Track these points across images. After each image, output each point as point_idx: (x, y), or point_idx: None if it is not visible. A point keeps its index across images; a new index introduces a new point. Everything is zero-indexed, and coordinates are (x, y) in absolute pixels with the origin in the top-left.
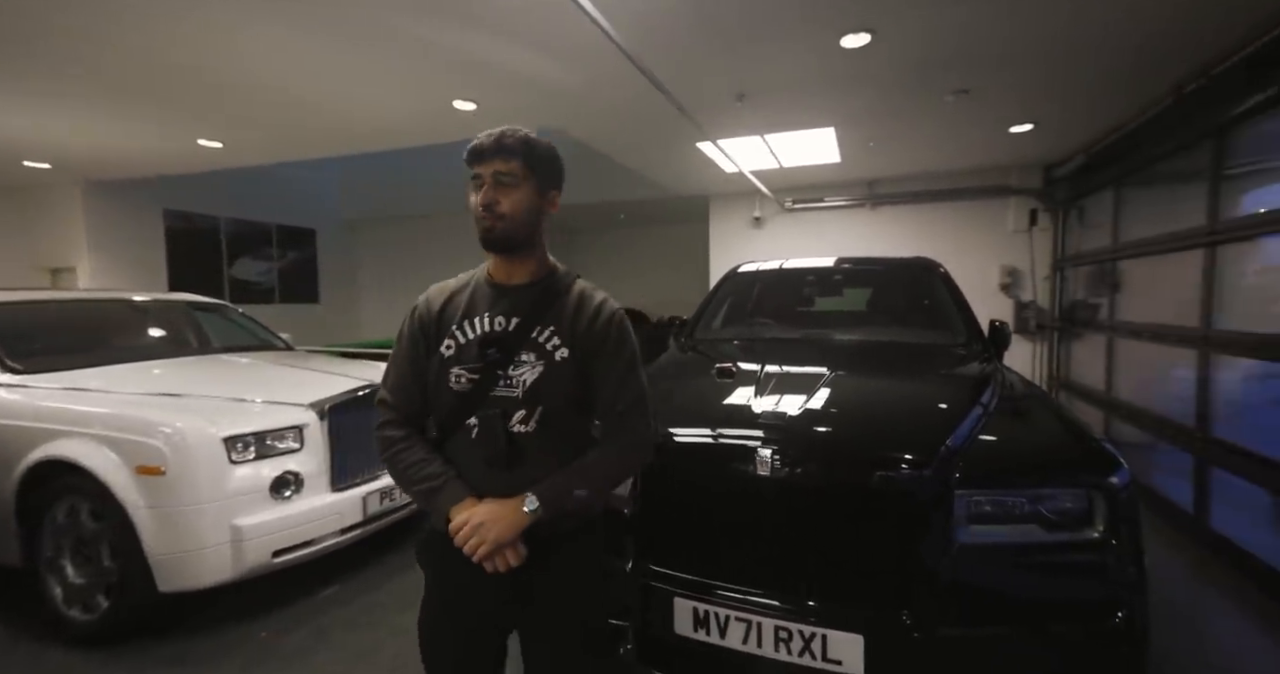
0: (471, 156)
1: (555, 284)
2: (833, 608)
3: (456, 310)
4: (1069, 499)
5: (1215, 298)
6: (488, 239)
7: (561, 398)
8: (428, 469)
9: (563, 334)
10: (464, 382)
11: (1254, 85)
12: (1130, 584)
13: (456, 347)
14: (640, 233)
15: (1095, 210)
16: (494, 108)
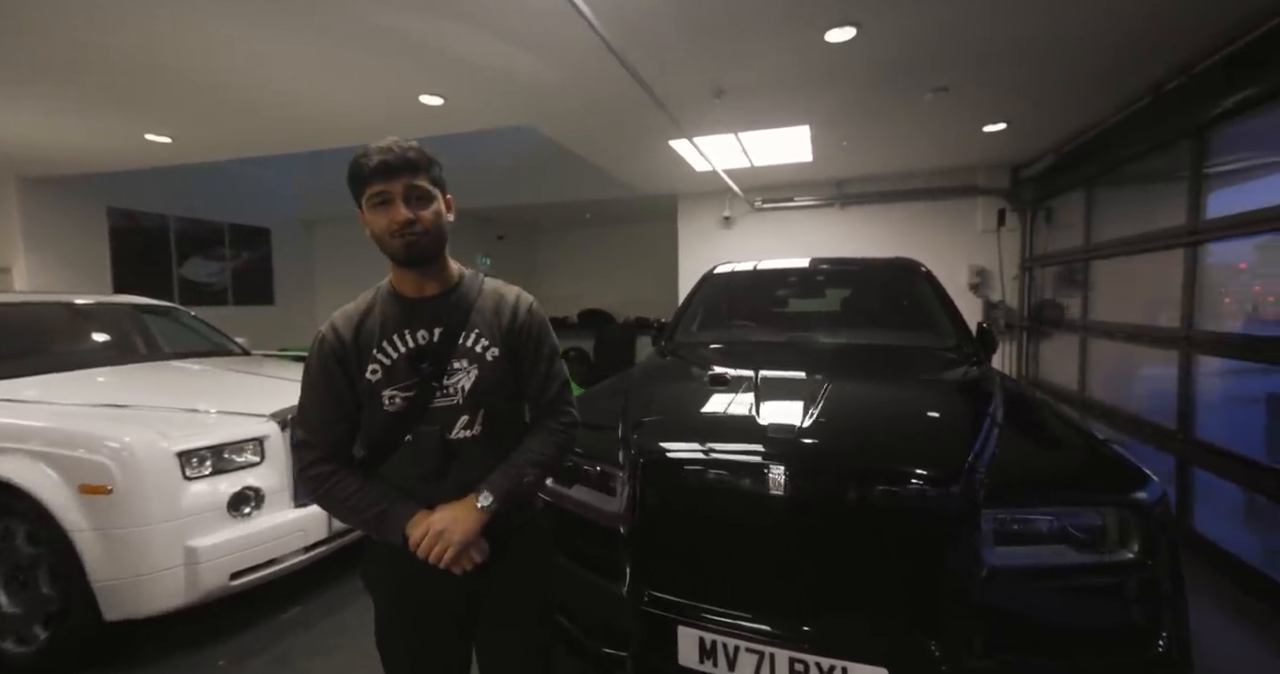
0: (377, 173)
1: (469, 288)
2: (854, 638)
3: (371, 333)
4: (1100, 517)
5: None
6: (411, 256)
7: (500, 396)
8: (370, 495)
9: (489, 334)
10: (399, 401)
11: (1234, 84)
12: (1171, 607)
13: (383, 369)
14: (606, 232)
15: (1064, 210)
16: (463, 103)
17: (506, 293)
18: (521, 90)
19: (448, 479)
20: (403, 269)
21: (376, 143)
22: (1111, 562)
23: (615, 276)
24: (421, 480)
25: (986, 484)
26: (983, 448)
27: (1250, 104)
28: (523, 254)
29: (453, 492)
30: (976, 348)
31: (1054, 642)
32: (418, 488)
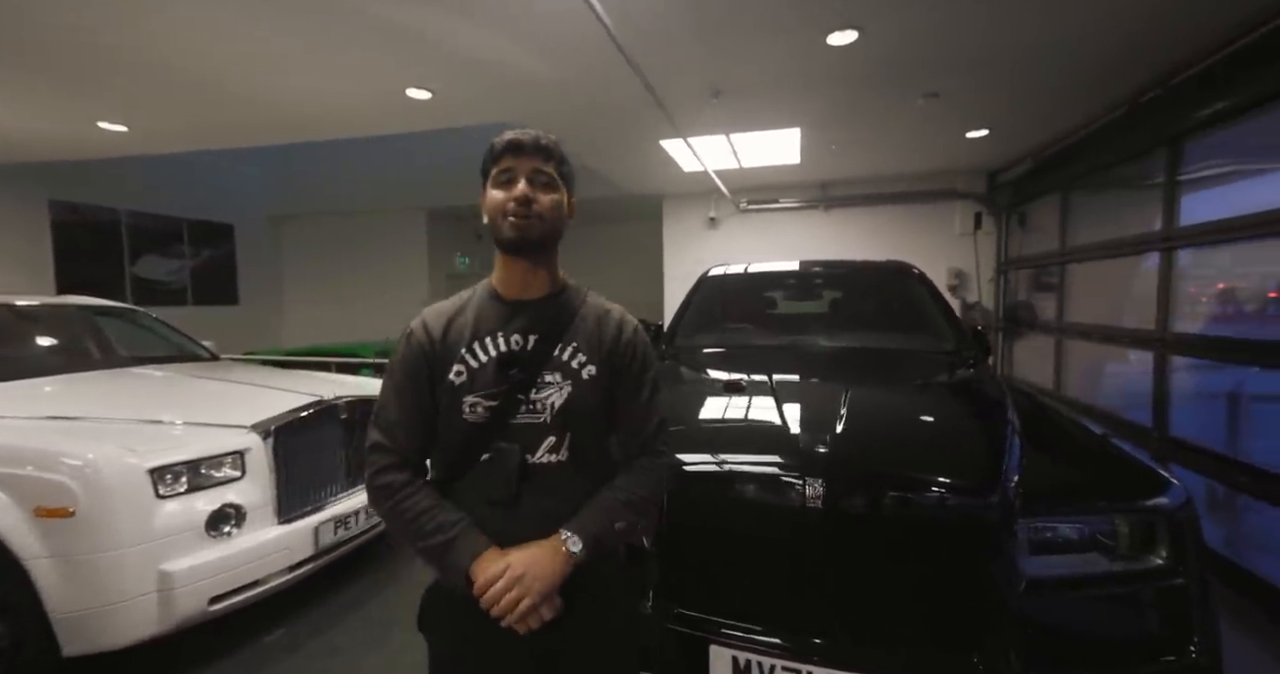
0: (508, 149)
1: (571, 298)
2: (896, 654)
3: (462, 332)
4: (1128, 524)
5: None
6: (520, 239)
7: (591, 420)
8: (439, 518)
9: (588, 350)
10: (480, 411)
11: (1207, 98)
12: (1200, 612)
13: (469, 372)
14: (589, 232)
15: (1038, 215)
16: (451, 98)
17: (611, 308)
18: (515, 86)
19: (521, 508)
20: (509, 261)
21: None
22: (1142, 569)
23: (598, 277)
24: (491, 505)
25: (1021, 494)
26: (1011, 456)
27: (1221, 117)
28: (487, 254)
29: (526, 524)
30: (975, 350)
31: (1088, 652)
32: (486, 514)
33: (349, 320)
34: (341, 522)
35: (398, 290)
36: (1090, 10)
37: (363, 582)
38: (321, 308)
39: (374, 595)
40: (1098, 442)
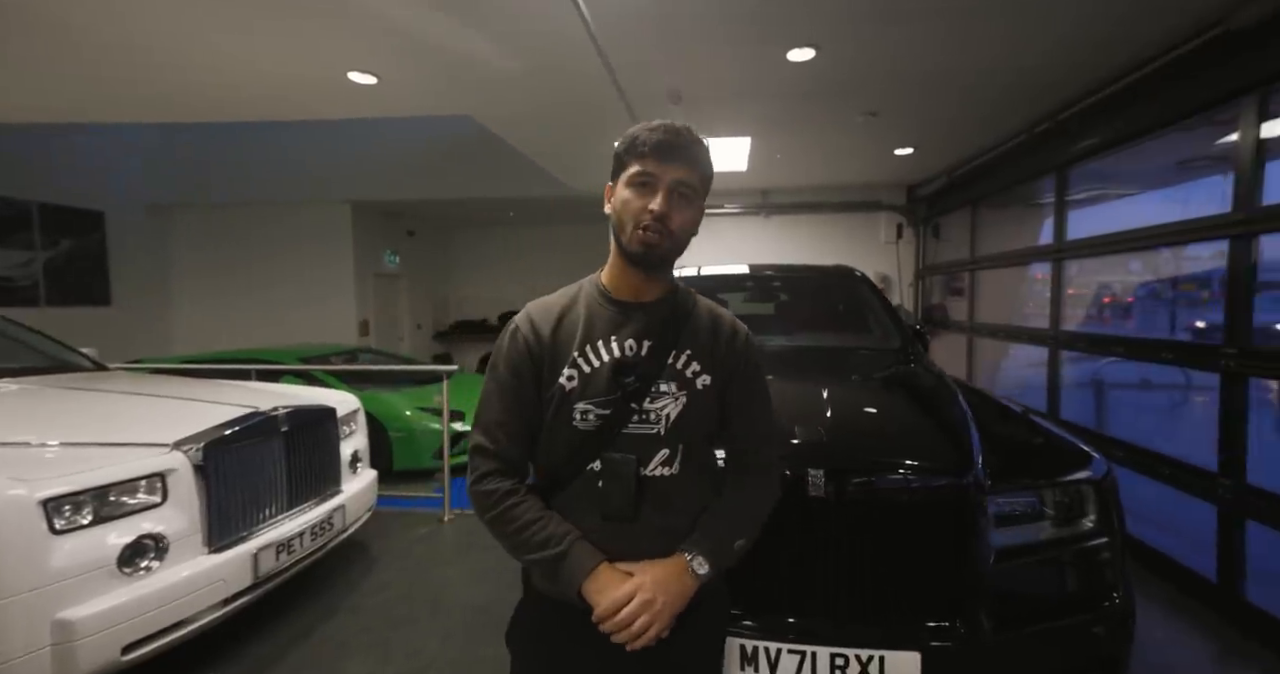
0: (654, 151)
1: (683, 301)
2: (891, 628)
3: (572, 333)
4: (1066, 494)
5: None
6: (646, 256)
7: (702, 432)
8: (549, 529)
9: (702, 358)
10: (592, 418)
11: (1084, 133)
12: (1120, 565)
13: (580, 377)
14: (532, 231)
15: (950, 227)
16: (399, 85)
17: (722, 314)
18: (472, 77)
19: (638, 523)
20: (627, 268)
21: (658, 121)
22: (1077, 533)
23: (541, 277)
24: (605, 519)
25: (987, 473)
26: (973, 440)
27: (1094, 150)
28: (436, 252)
29: (642, 540)
30: (917, 348)
31: (1038, 607)
32: (598, 528)
33: (260, 324)
34: (284, 546)
35: (320, 290)
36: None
37: (312, 608)
38: (223, 310)
39: (324, 621)
40: (1027, 423)
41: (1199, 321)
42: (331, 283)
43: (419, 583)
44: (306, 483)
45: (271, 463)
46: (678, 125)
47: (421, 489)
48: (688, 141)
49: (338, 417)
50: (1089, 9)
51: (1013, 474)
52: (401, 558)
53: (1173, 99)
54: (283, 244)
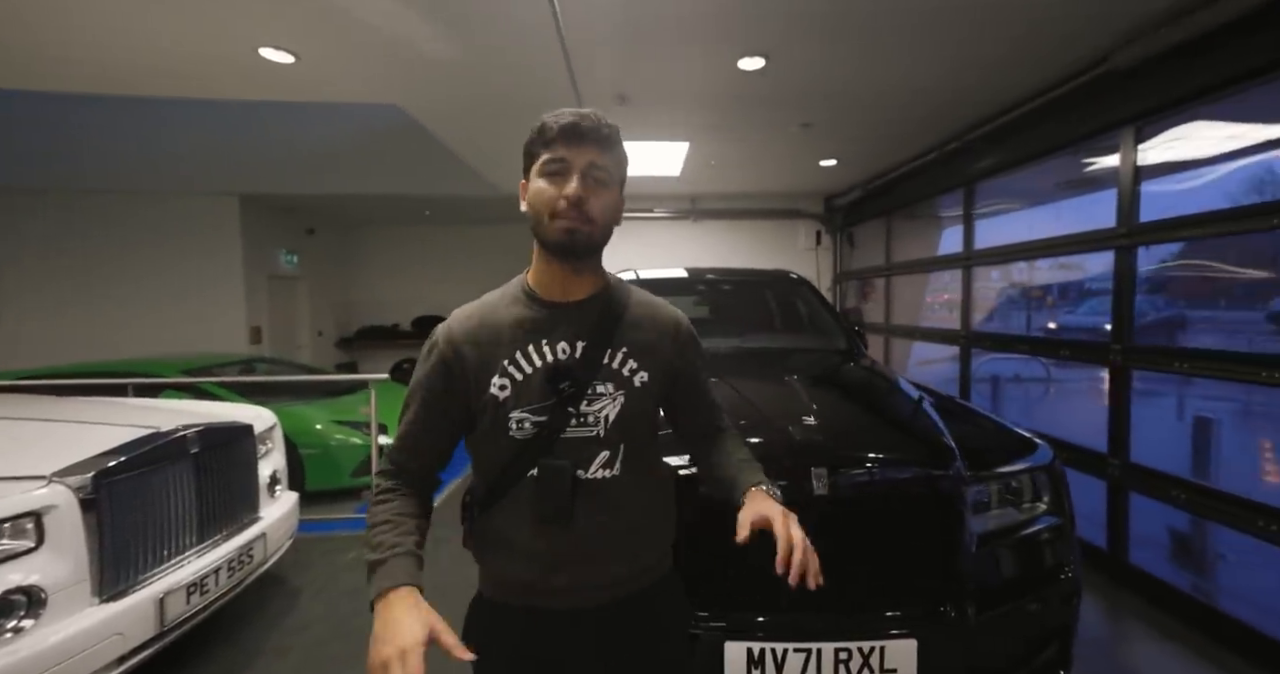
0: (564, 135)
1: (617, 296)
2: (890, 618)
3: (499, 340)
4: (1028, 480)
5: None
6: (570, 245)
7: (642, 429)
8: (385, 537)
9: (639, 356)
10: (529, 426)
11: (984, 154)
12: (1070, 542)
13: (513, 385)
14: (450, 231)
15: (864, 235)
16: (320, 66)
17: (659, 307)
18: (405, 63)
19: (575, 525)
20: (552, 262)
21: (566, 109)
22: (1036, 515)
23: (458, 280)
24: (541, 523)
25: (965, 465)
26: (947, 434)
27: (991, 171)
28: (340, 252)
29: (581, 541)
30: (860, 347)
31: (1007, 586)
32: (534, 534)
33: (125, 332)
34: (197, 586)
35: (202, 294)
36: (933, 68)
37: (226, 655)
38: (73, 316)
39: (245, 668)
40: (976, 415)
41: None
42: (216, 285)
43: (353, 615)
44: (221, 511)
45: (179, 491)
46: (584, 110)
47: (342, 510)
48: (596, 124)
49: (255, 434)
50: (1003, 44)
51: (983, 465)
52: (328, 588)
53: (1064, 126)
54: (154, 241)
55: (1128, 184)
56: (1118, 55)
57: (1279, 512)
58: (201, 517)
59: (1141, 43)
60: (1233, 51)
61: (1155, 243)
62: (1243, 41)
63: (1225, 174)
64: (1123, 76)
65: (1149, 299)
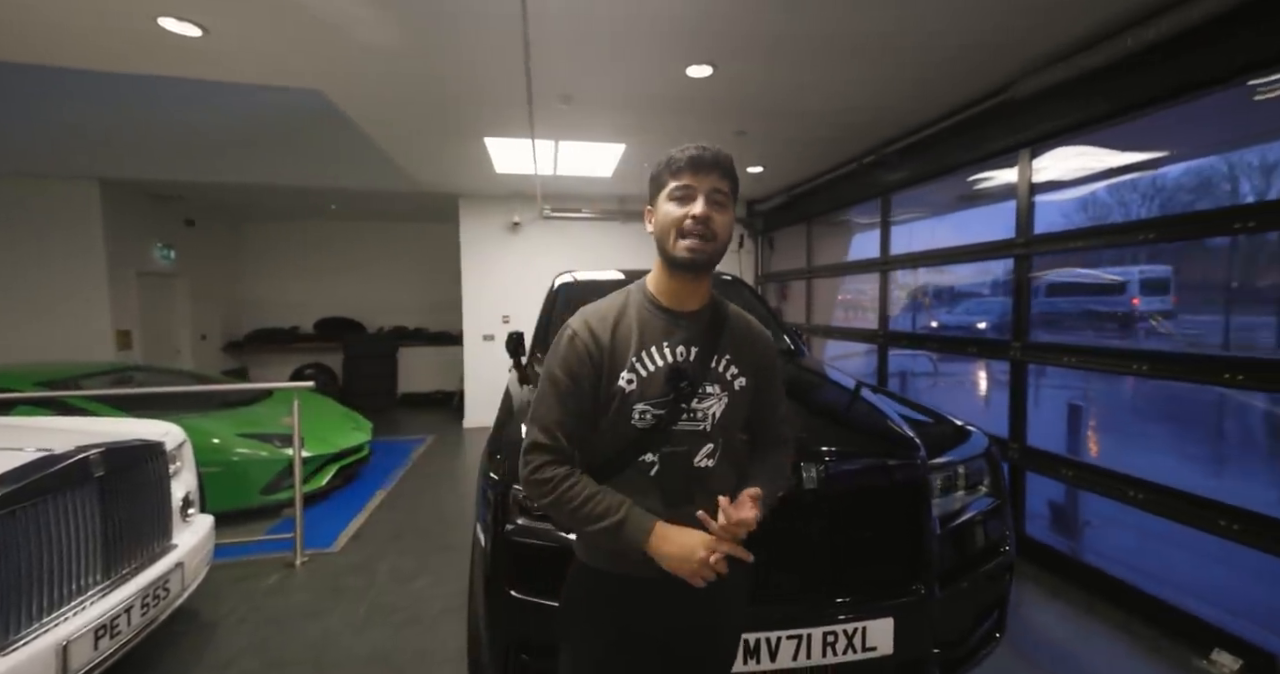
0: (689, 166)
1: (720, 309)
2: (871, 600)
3: (627, 340)
4: (975, 467)
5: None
6: (696, 261)
7: (736, 428)
8: (605, 502)
9: (739, 362)
10: (649, 417)
11: (898, 167)
12: (1008, 520)
13: (638, 380)
14: (359, 227)
15: (785, 239)
16: (232, 43)
17: (750, 321)
18: (336, 46)
19: (694, 506)
20: (673, 274)
21: (686, 144)
22: (978, 497)
23: (374, 279)
24: (666, 505)
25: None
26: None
27: (905, 183)
28: (227, 247)
29: (683, 520)
30: (801, 348)
31: (960, 564)
32: (660, 514)
33: None
34: (107, 628)
35: (56, 292)
36: (859, 87)
37: None
38: None
39: None
40: (920, 408)
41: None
42: (74, 284)
43: (286, 645)
44: (131, 541)
45: (82, 521)
46: (705, 144)
47: (252, 532)
48: (717, 155)
49: (168, 453)
50: (921, 70)
51: (938, 454)
52: (250, 618)
53: (971, 145)
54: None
55: (1024, 199)
56: (1017, 86)
57: (1144, 482)
58: (108, 549)
59: (1036, 77)
60: (1106, 91)
61: (1047, 252)
62: (1112, 84)
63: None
64: (1020, 105)
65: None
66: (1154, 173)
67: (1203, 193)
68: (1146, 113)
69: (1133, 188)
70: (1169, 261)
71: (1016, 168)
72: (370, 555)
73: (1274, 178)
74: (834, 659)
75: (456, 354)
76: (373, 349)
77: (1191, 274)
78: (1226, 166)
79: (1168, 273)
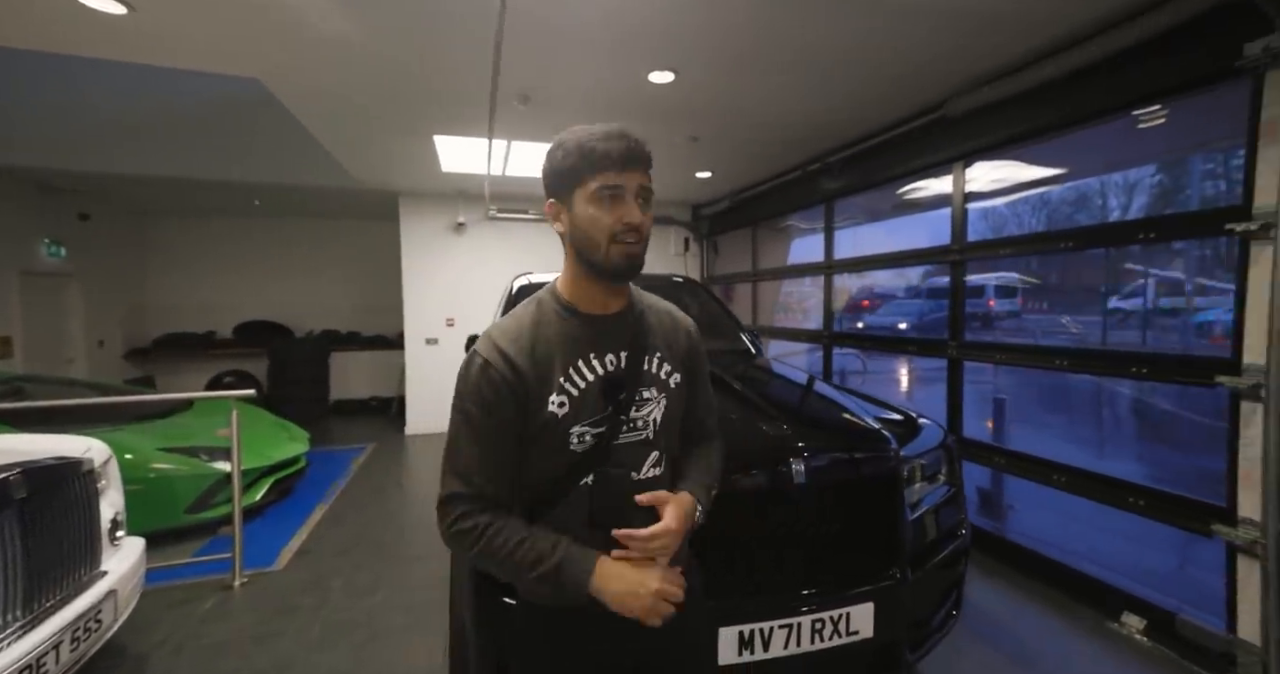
0: (616, 162)
1: (640, 302)
2: (854, 587)
3: (549, 359)
4: (935, 458)
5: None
6: (628, 268)
7: (677, 428)
8: (536, 546)
9: (669, 358)
10: (589, 439)
11: (839, 176)
12: (964, 507)
13: (571, 401)
14: (288, 225)
15: (729, 243)
16: (164, 22)
17: (671, 309)
18: (283, 34)
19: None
20: (598, 282)
21: (595, 126)
22: (938, 486)
23: (293, 281)
24: (594, 528)
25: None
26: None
27: (845, 192)
28: (130, 244)
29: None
30: (759, 347)
31: (925, 548)
32: (588, 536)
33: None
34: (32, 669)
35: None
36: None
37: None
38: None
39: None
40: (885, 404)
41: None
42: None
43: (233, 672)
44: (55, 570)
45: (1, 551)
46: (620, 129)
47: (179, 554)
48: (641, 146)
49: (94, 470)
50: (865, 84)
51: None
52: (188, 645)
53: (908, 156)
54: None
55: (959, 208)
56: (950, 104)
57: (1066, 466)
58: (31, 580)
59: (968, 97)
60: (1027, 113)
61: (979, 258)
62: (1033, 107)
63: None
64: (954, 122)
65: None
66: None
67: (1079, 207)
68: (1060, 134)
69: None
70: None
71: (951, 178)
72: (320, 571)
73: (1135, 194)
74: (821, 645)
75: (394, 358)
76: (302, 354)
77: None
78: (1099, 185)
79: (1015, 279)
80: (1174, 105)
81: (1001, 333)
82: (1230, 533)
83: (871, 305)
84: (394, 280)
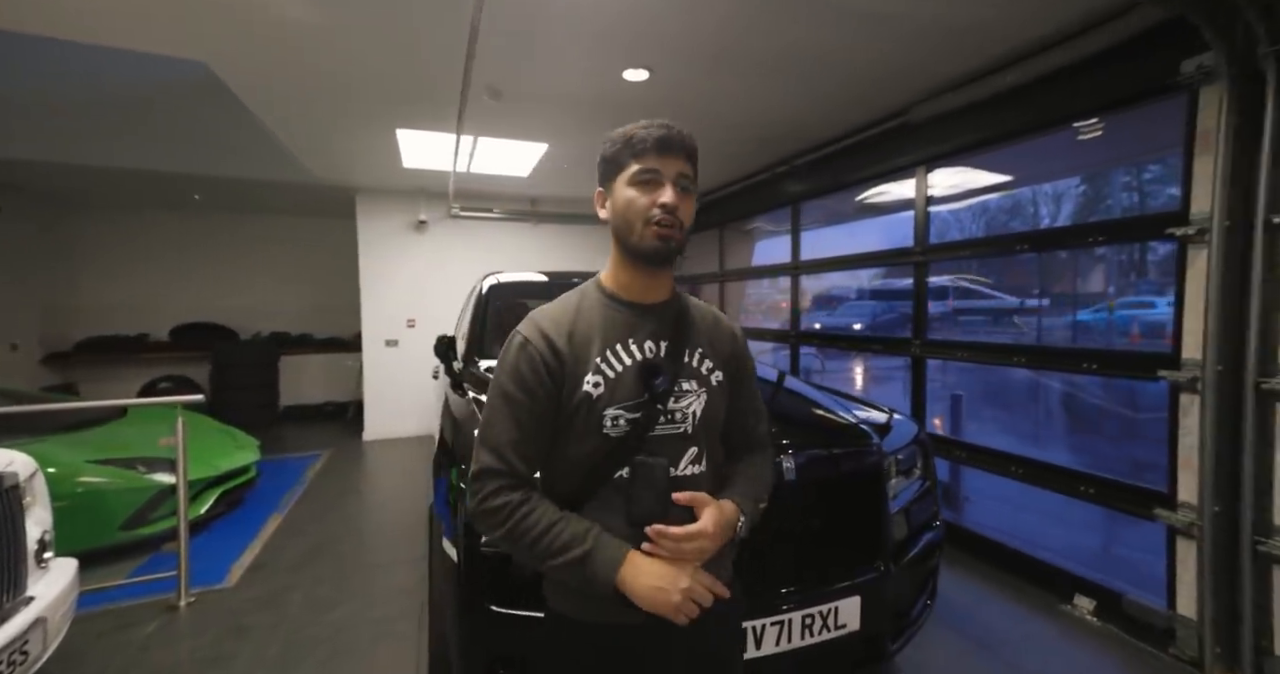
0: (655, 148)
1: (683, 299)
2: (842, 581)
3: (589, 339)
4: (910, 453)
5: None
6: (661, 250)
7: (717, 427)
8: (568, 531)
9: (711, 355)
10: (622, 423)
11: (806, 179)
12: (937, 500)
13: (606, 383)
14: (234, 221)
15: (695, 244)
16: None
17: (718, 314)
18: (236, 16)
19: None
20: (636, 266)
21: (642, 121)
22: (917, 481)
23: (237, 280)
24: (632, 525)
25: None
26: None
27: (811, 194)
28: (48, 241)
29: None
30: None
31: (904, 539)
32: (626, 536)
33: None
34: None
35: None
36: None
37: None
38: None
39: None
40: (863, 402)
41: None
42: None
43: None
44: None
45: None
46: (664, 121)
47: (113, 575)
48: (683, 136)
49: (18, 485)
50: (835, 87)
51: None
52: (130, 672)
53: (873, 161)
54: None
55: (921, 211)
56: (912, 111)
57: (1024, 458)
58: None
59: (931, 103)
60: (987, 120)
61: (941, 260)
62: (991, 115)
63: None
64: (916, 129)
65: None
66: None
67: (1014, 214)
68: (1015, 141)
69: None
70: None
71: (914, 182)
72: (276, 587)
73: (1063, 203)
74: (811, 640)
75: (350, 361)
76: (249, 357)
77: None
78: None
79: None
80: (1110, 119)
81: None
82: (1170, 516)
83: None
84: (350, 280)
